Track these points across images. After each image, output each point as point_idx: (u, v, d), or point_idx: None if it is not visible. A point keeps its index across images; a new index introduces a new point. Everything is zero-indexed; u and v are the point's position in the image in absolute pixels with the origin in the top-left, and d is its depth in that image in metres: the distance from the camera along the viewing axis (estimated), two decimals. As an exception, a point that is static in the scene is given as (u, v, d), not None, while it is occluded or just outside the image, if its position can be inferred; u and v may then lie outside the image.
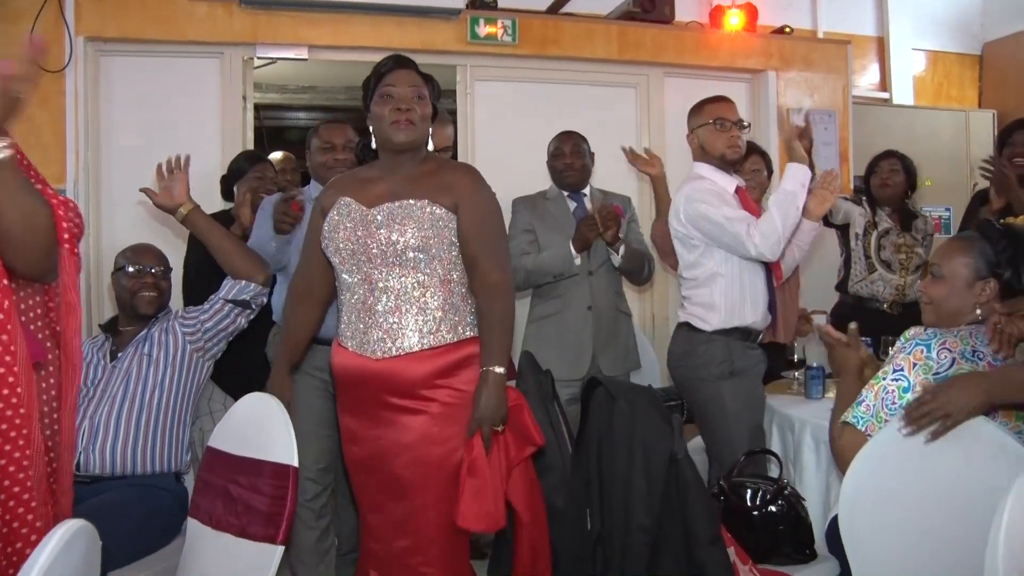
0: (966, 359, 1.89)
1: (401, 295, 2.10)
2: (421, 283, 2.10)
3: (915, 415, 1.78)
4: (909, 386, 1.92)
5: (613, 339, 3.33)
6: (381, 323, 2.10)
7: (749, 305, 2.86)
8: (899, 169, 4.01)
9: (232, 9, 4.01)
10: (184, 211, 2.67)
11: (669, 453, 1.94)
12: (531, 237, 3.38)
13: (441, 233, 2.10)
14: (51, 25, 3.75)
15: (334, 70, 5.37)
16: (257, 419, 1.96)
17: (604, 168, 3.86)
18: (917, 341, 1.96)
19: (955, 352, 1.90)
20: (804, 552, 2.29)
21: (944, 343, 1.92)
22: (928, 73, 6.01)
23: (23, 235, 1.50)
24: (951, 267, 2.06)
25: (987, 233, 2.05)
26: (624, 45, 4.62)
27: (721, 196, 2.83)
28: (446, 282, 2.13)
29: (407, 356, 2.08)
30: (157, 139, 3.99)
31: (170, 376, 2.66)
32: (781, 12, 5.27)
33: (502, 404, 2.03)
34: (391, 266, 2.10)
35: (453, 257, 2.14)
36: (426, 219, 2.09)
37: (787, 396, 3.11)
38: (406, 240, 2.07)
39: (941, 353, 1.91)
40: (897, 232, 3.97)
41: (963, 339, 1.93)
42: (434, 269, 2.11)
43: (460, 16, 4.28)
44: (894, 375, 1.95)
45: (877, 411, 1.96)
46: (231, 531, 1.83)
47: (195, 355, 2.72)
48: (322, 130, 3.03)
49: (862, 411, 1.98)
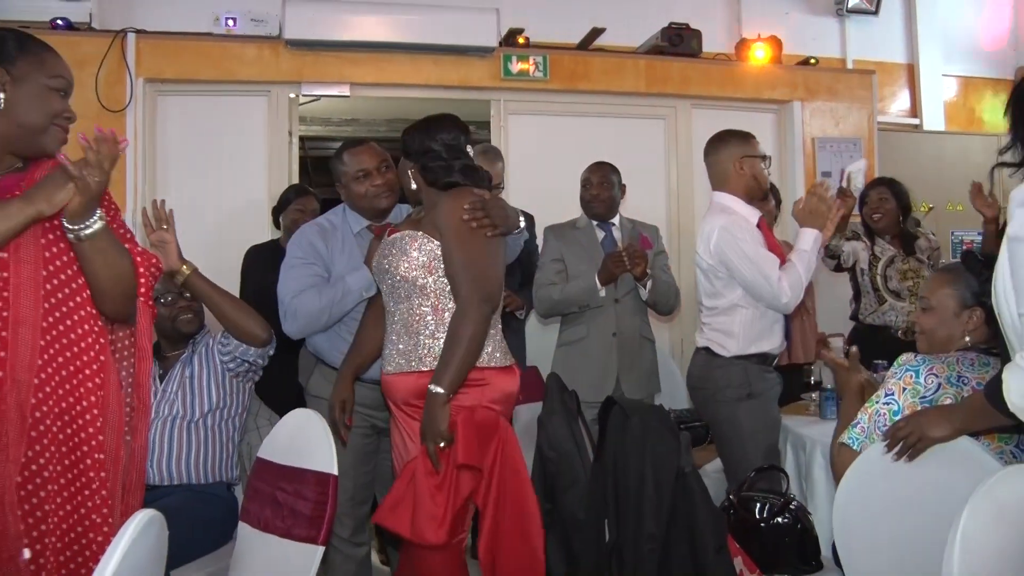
0: (951, 384, 2.02)
1: (399, 321, 2.34)
2: (412, 310, 2.32)
3: (892, 438, 1.93)
4: (899, 409, 2.05)
5: (636, 364, 3.45)
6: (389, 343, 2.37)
7: (767, 334, 2.95)
8: (888, 196, 4.05)
9: (279, 51, 4.27)
10: (181, 278, 2.69)
11: (677, 467, 2.08)
12: (559, 267, 3.51)
13: (429, 265, 2.30)
14: (114, 68, 4.07)
15: (375, 104, 5.54)
16: (301, 433, 2.14)
17: (635, 198, 4.01)
18: (907, 367, 2.10)
19: (941, 377, 2.03)
20: (810, 563, 2.40)
21: (931, 369, 2.05)
22: (959, 99, 6.02)
23: (111, 286, 1.73)
24: (938, 298, 2.21)
25: (970, 264, 2.19)
26: (652, 78, 4.79)
27: (755, 235, 2.89)
28: (438, 310, 2.31)
29: (397, 375, 2.32)
30: (209, 172, 4.27)
31: (215, 398, 2.83)
32: (810, 42, 5.39)
33: (436, 422, 2.15)
34: (395, 291, 2.35)
35: (442, 288, 2.31)
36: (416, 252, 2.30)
37: (803, 417, 3.21)
38: (400, 271, 2.30)
39: (928, 378, 2.04)
40: (901, 258, 4.00)
41: (950, 365, 2.05)
42: (427, 298, 2.31)
43: (494, 54, 4.50)
44: (885, 399, 2.09)
45: (870, 432, 2.09)
46: (277, 533, 2.02)
47: (234, 380, 2.88)
48: (348, 156, 2.78)
49: (857, 432, 2.12)
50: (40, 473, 1.60)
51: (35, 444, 1.60)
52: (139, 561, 1.31)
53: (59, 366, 1.64)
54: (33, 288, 1.62)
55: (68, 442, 1.64)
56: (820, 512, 2.68)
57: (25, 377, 1.59)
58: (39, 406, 1.60)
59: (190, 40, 4.21)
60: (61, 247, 1.69)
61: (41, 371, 1.61)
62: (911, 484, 1.86)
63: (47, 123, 1.70)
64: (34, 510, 1.60)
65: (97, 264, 1.70)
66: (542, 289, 3.48)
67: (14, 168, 1.72)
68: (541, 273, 3.53)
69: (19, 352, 1.58)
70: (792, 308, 2.89)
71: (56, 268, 1.67)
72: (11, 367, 1.57)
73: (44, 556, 1.59)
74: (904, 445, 1.90)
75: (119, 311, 1.79)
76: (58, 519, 1.62)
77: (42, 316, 1.62)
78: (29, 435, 1.59)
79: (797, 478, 2.92)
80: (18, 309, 1.60)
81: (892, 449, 1.93)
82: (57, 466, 1.63)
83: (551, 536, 2.37)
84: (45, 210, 1.59)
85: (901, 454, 1.91)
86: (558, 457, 2.35)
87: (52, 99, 1.71)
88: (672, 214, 4.94)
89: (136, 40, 4.11)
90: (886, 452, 1.94)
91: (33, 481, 1.59)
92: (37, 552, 1.59)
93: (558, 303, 3.43)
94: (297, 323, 2.72)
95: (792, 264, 2.84)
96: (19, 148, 1.71)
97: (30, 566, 1.58)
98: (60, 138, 1.73)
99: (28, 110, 1.67)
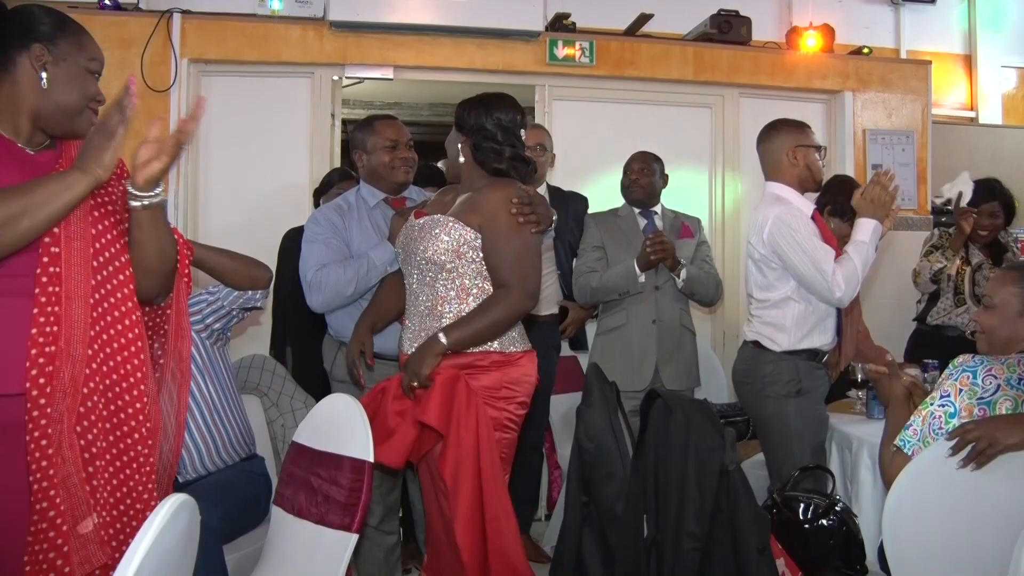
0: (1011, 386, 1.93)
1: (425, 302, 2.33)
2: (438, 294, 2.30)
3: (961, 441, 1.84)
4: (955, 411, 1.97)
5: (676, 354, 3.40)
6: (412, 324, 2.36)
7: (819, 330, 2.88)
8: (999, 211, 4.00)
9: (323, 32, 4.25)
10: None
11: (720, 464, 2.03)
12: (599, 254, 3.48)
13: (457, 251, 2.27)
14: (159, 49, 4.09)
15: (418, 87, 5.55)
16: (337, 418, 2.11)
17: (674, 187, 3.95)
18: (964, 368, 2.01)
19: (1000, 379, 1.95)
20: (855, 567, 2.34)
21: (990, 370, 1.97)
22: (1019, 91, 5.83)
23: (157, 263, 1.75)
24: (1001, 296, 2.12)
25: None
26: (700, 66, 4.70)
27: (810, 227, 2.82)
28: (462, 296, 2.29)
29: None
30: (251, 153, 4.28)
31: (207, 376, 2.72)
32: (863, 31, 5.25)
33: (423, 363, 2.19)
34: (422, 274, 2.33)
35: (474, 272, 2.29)
36: (446, 236, 2.27)
37: (849, 415, 3.13)
38: (428, 253, 2.28)
39: (987, 379, 1.96)
40: (989, 266, 3.94)
41: (1009, 367, 1.97)
42: (453, 281, 2.29)
43: (540, 38, 4.44)
44: (941, 401, 2.01)
45: (924, 435, 2.01)
46: (311, 519, 1.99)
47: (213, 347, 2.78)
48: (380, 126, 2.91)
49: (910, 435, 2.04)
50: (89, 448, 1.62)
51: (83, 420, 1.61)
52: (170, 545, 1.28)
53: (105, 342, 1.65)
54: (84, 264, 1.63)
55: (113, 417, 1.66)
56: (865, 515, 2.61)
57: (79, 351, 1.60)
58: (87, 381, 1.62)
59: (235, 21, 4.21)
60: (107, 223, 1.70)
61: (89, 346, 1.62)
62: (970, 493, 1.78)
63: (83, 105, 1.71)
64: (88, 480, 1.62)
65: (151, 236, 1.71)
66: (582, 276, 3.45)
67: (45, 145, 1.73)
68: (581, 260, 3.49)
69: (73, 327, 1.60)
70: (847, 303, 2.81)
71: (103, 244, 1.68)
72: (65, 341, 1.58)
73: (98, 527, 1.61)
74: (973, 450, 1.82)
75: (158, 287, 1.80)
76: (107, 492, 1.64)
77: (91, 291, 1.63)
78: (78, 410, 1.60)
79: (842, 479, 2.85)
80: (70, 285, 1.61)
81: (958, 452, 1.85)
82: (104, 441, 1.65)
83: (587, 529, 2.34)
84: (102, 175, 1.60)
85: (969, 460, 1.83)
86: (596, 449, 2.32)
87: (89, 81, 1.72)
88: (717, 204, 4.86)
89: (182, 20, 4.12)
90: (951, 455, 1.86)
91: (83, 455, 1.61)
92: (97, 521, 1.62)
93: (597, 290, 3.39)
94: (322, 295, 2.75)
95: (848, 257, 2.76)
96: (52, 127, 1.71)
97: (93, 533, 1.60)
98: (91, 121, 1.73)
99: (67, 91, 1.68)
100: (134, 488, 1.68)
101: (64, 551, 1.56)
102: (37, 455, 1.55)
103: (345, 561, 1.92)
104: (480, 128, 2.36)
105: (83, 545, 1.59)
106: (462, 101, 2.45)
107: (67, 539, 1.56)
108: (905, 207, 4.86)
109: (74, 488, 1.59)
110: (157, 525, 1.22)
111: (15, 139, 1.68)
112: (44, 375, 1.56)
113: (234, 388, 2.84)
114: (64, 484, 1.57)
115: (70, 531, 1.57)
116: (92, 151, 1.61)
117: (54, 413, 1.56)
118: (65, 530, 1.56)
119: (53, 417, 1.56)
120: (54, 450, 1.56)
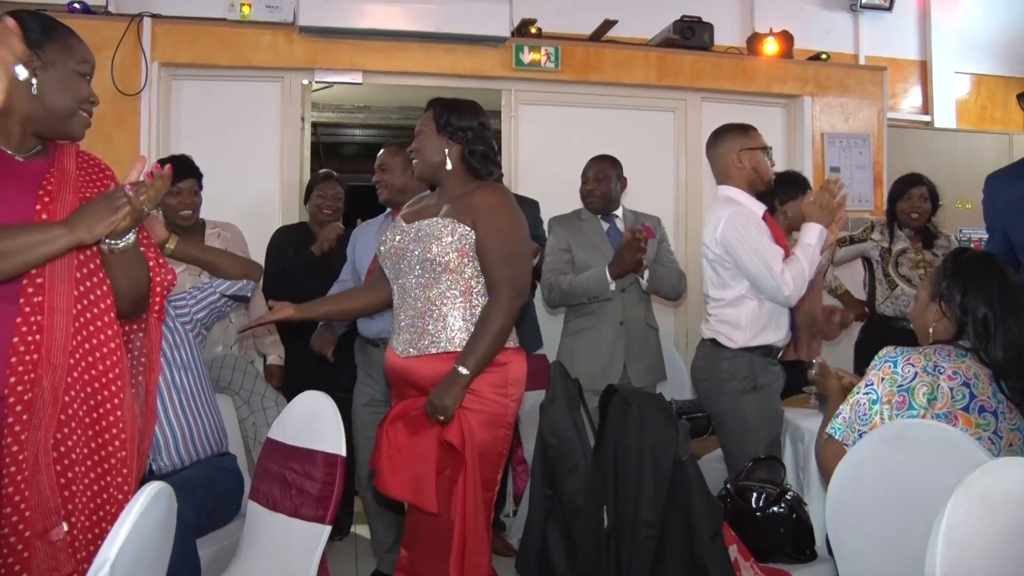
0: (927, 372, 2.05)
1: (425, 303, 2.38)
2: (442, 294, 2.37)
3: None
4: (878, 398, 2.10)
5: (642, 352, 3.49)
6: (408, 326, 2.41)
7: (773, 326, 2.97)
8: (927, 196, 4.12)
9: (293, 37, 4.31)
10: (171, 246, 2.71)
11: (675, 455, 2.13)
12: (567, 256, 3.54)
13: (461, 249, 2.34)
14: (129, 52, 4.12)
15: (387, 91, 5.60)
16: (311, 414, 2.19)
17: (638, 189, 4.04)
18: (887, 359, 2.14)
19: (918, 367, 2.07)
20: (804, 552, 2.45)
21: (909, 359, 2.09)
22: (972, 96, 6.03)
23: (128, 292, 1.78)
24: (920, 289, 2.28)
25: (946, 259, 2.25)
26: (663, 71, 4.81)
27: (760, 227, 2.90)
28: (467, 294, 2.37)
29: (422, 358, 2.37)
30: (222, 156, 4.30)
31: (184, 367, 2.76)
32: (823, 36, 5.42)
33: (448, 398, 2.25)
34: (418, 276, 2.38)
35: (473, 272, 2.38)
36: (448, 236, 2.34)
37: (804, 409, 3.22)
38: (432, 253, 2.34)
39: (905, 368, 2.08)
40: (915, 251, 4.09)
41: (926, 355, 2.09)
42: (457, 280, 2.36)
43: (506, 44, 4.53)
44: (866, 389, 2.13)
45: (852, 422, 2.13)
46: (286, 512, 2.07)
47: (195, 339, 2.83)
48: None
49: (839, 423, 2.16)
50: (68, 455, 1.65)
51: (63, 427, 1.64)
52: (149, 532, 1.36)
53: (85, 352, 1.68)
54: (67, 276, 1.66)
55: (95, 424, 1.69)
56: (816, 503, 2.70)
57: (60, 361, 1.63)
58: (67, 390, 1.65)
59: (205, 25, 4.25)
60: None
61: (70, 356, 1.66)
62: (901, 475, 1.89)
63: (75, 108, 1.74)
64: (63, 489, 1.65)
65: (120, 273, 1.75)
66: (552, 278, 3.52)
67: (36, 151, 1.76)
68: (549, 262, 3.56)
69: (54, 337, 1.63)
70: (794, 302, 2.91)
71: (86, 257, 1.71)
72: (46, 351, 1.62)
73: (72, 534, 1.64)
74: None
75: (128, 310, 1.83)
76: (86, 499, 1.67)
77: (73, 302, 1.67)
78: (59, 417, 1.63)
79: (795, 469, 2.95)
80: (52, 296, 1.64)
81: None
82: (84, 448, 1.68)
83: (551, 522, 2.42)
84: (86, 239, 1.62)
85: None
86: (559, 443, 2.39)
87: (80, 84, 1.74)
88: (680, 206, 4.98)
89: (152, 24, 4.16)
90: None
91: (62, 462, 1.65)
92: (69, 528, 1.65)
93: (567, 293, 3.45)
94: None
95: (796, 258, 2.86)
96: (46, 131, 1.74)
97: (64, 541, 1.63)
98: (85, 123, 1.77)
99: (58, 95, 1.70)
100: (113, 495, 1.71)
101: (24, 557, 1.58)
102: (7, 460, 1.57)
103: (319, 552, 2.00)
104: (475, 132, 2.44)
105: (52, 553, 1.61)
106: (439, 105, 2.48)
107: (29, 545, 1.58)
108: (861, 208, 5.01)
109: (44, 499, 1.61)
110: (137, 511, 1.28)
111: (6, 145, 1.70)
112: (23, 383, 1.59)
113: (208, 384, 2.87)
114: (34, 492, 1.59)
115: (33, 538, 1.59)
116: (89, 216, 1.62)
117: (33, 421, 1.59)
118: (28, 536, 1.58)
119: (31, 425, 1.59)
120: (26, 457, 1.58)
